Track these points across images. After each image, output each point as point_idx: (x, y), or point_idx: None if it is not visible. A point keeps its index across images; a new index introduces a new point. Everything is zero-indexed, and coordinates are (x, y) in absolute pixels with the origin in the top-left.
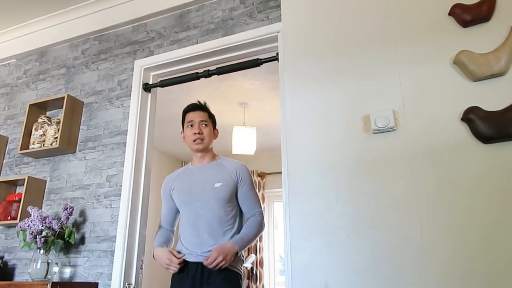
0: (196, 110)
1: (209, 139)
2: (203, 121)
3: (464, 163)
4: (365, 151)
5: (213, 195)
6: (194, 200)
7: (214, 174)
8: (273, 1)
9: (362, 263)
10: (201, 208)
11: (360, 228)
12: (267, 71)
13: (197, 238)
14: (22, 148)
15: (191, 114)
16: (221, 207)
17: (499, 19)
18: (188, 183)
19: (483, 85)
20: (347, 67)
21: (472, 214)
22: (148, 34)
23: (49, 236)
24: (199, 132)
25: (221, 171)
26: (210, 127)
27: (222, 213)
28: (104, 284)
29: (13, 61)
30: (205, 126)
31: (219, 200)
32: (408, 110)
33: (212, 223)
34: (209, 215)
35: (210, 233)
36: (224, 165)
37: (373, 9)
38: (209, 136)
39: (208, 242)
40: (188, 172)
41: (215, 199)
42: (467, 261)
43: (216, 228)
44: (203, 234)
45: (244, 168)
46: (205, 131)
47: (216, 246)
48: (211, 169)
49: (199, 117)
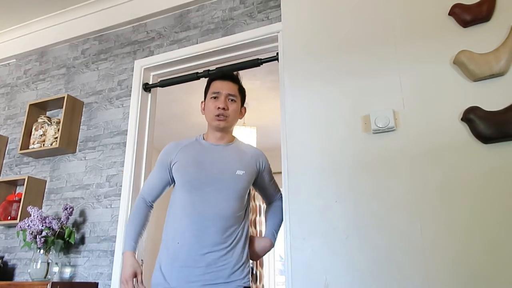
0: (226, 80)
1: (234, 118)
2: (231, 95)
3: (464, 163)
4: (365, 151)
5: (232, 184)
6: (205, 184)
7: (235, 159)
8: (273, 1)
9: (362, 263)
10: (214, 195)
11: (360, 228)
12: (267, 71)
13: (197, 232)
14: (22, 148)
15: (218, 83)
16: (238, 200)
17: (499, 19)
18: (199, 161)
19: (483, 85)
20: (347, 67)
21: (472, 214)
22: (148, 34)
23: (49, 236)
24: (224, 108)
25: (243, 158)
26: (238, 104)
27: (237, 206)
28: (104, 284)
29: (13, 61)
30: (232, 102)
31: (238, 190)
32: (408, 110)
33: (225, 216)
34: (223, 206)
35: (219, 228)
36: (245, 151)
37: (373, 9)
38: (234, 114)
39: (210, 241)
40: (200, 147)
41: (235, 189)
42: (467, 261)
43: (227, 223)
44: (209, 228)
45: (265, 156)
46: (231, 107)
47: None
48: (231, 152)
49: (227, 89)
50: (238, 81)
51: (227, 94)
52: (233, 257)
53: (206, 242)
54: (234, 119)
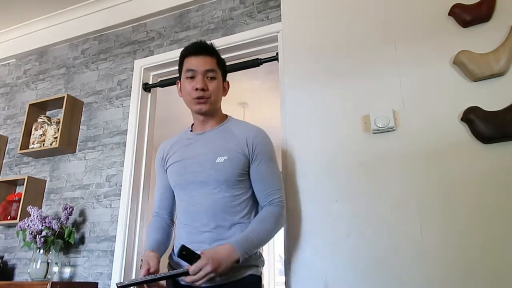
0: (201, 54)
1: (216, 98)
2: (209, 71)
3: (464, 163)
4: (365, 151)
5: (213, 174)
6: (188, 182)
7: (217, 145)
8: (273, 1)
9: (362, 263)
10: (198, 193)
11: (360, 228)
12: (267, 71)
13: (194, 237)
14: (22, 148)
15: (192, 59)
16: (225, 191)
17: (499, 19)
18: (183, 157)
19: (483, 85)
20: (347, 67)
21: (472, 214)
22: (148, 34)
23: (49, 236)
24: (202, 88)
25: (227, 140)
26: (219, 80)
27: (227, 199)
28: (104, 284)
29: (13, 61)
30: (212, 80)
31: (221, 181)
32: (408, 110)
33: (215, 214)
34: (208, 203)
35: (211, 229)
36: (232, 131)
37: (373, 9)
38: (217, 93)
39: (205, 246)
40: (186, 141)
41: (216, 180)
42: (467, 261)
43: (219, 221)
44: (202, 231)
45: (261, 134)
46: (211, 85)
47: (207, 249)
48: (214, 137)
49: (204, 65)
50: (215, 52)
51: (204, 71)
52: None
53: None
54: (217, 99)
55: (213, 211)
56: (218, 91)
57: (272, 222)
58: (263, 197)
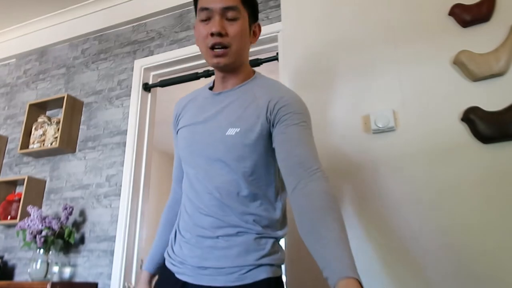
0: None
1: (239, 45)
2: (229, 8)
3: (464, 163)
4: (365, 151)
5: (222, 150)
6: (196, 154)
7: (232, 111)
8: (273, 1)
9: (362, 263)
10: (204, 171)
11: (360, 228)
12: (267, 71)
13: (196, 219)
14: (22, 147)
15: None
16: (237, 174)
17: (499, 19)
18: (193, 120)
19: (483, 85)
20: (347, 67)
21: (472, 214)
22: (148, 34)
23: (49, 236)
24: (219, 32)
25: (245, 105)
26: (244, 22)
27: (240, 184)
28: (103, 284)
29: (13, 61)
30: (233, 21)
31: (232, 159)
32: (408, 110)
33: (219, 199)
34: (216, 185)
35: (214, 214)
36: (255, 93)
37: (373, 9)
38: (240, 40)
39: (207, 233)
40: (203, 101)
41: (226, 157)
42: (467, 261)
43: (223, 208)
44: (204, 214)
45: (291, 95)
46: (232, 29)
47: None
48: (234, 100)
49: (221, 2)
50: None
51: (222, 9)
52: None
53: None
54: (241, 48)
55: (220, 193)
56: (242, 36)
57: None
58: (293, 169)
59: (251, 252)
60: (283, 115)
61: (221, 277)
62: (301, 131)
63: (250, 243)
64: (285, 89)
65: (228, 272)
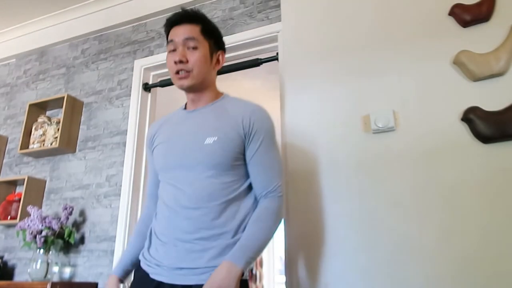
0: (181, 23)
1: (201, 70)
2: (189, 39)
3: (464, 163)
4: (365, 151)
5: (200, 157)
6: (172, 165)
7: (207, 124)
8: (273, 1)
9: (362, 263)
10: (182, 179)
11: (360, 228)
12: (267, 71)
13: (174, 222)
14: (22, 147)
15: (174, 30)
16: (214, 177)
17: (499, 19)
18: (168, 136)
19: (483, 85)
20: (347, 66)
21: (471, 214)
22: (148, 34)
23: (49, 236)
24: (180, 60)
25: (220, 118)
26: (204, 50)
27: (216, 188)
28: (104, 284)
29: (13, 61)
30: (193, 50)
31: (210, 165)
32: (408, 110)
33: (197, 202)
34: (193, 190)
35: (194, 216)
36: (227, 108)
37: (373, 9)
38: (200, 65)
39: (185, 236)
40: (177, 119)
41: (204, 163)
42: (467, 261)
43: (202, 211)
44: (183, 218)
45: (260, 111)
46: (192, 56)
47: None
48: (206, 116)
49: (183, 34)
50: (198, 18)
51: (183, 40)
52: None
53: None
54: (202, 72)
55: (197, 197)
56: (201, 62)
57: (269, 220)
58: (259, 187)
59: (223, 254)
60: (254, 133)
61: (195, 276)
62: (268, 152)
63: (224, 247)
64: (254, 105)
65: (201, 272)
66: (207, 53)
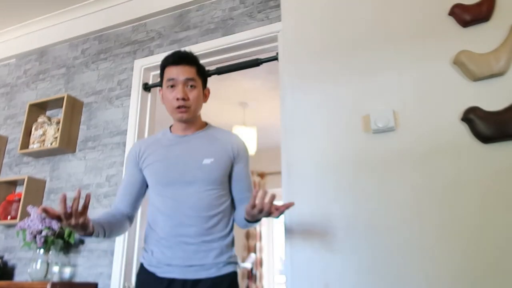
0: (180, 64)
1: (197, 106)
2: (189, 80)
3: (464, 163)
4: (365, 151)
5: (200, 175)
6: (173, 180)
7: (203, 147)
8: (273, 1)
9: (362, 263)
10: (182, 192)
11: (360, 228)
12: (267, 71)
13: (179, 230)
14: (22, 147)
15: (173, 69)
16: (210, 190)
17: (499, 19)
18: (166, 157)
19: (483, 85)
20: (347, 67)
21: (472, 214)
22: (148, 34)
23: (49, 236)
24: (183, 98)
25: (213, 144)
26: (199, 89)
27: (212, 199)
28: (103, 284)
29: (13, 61)
30: (192, 88)
31: (208, 181)
32: (408, 110)
33: (198, 212)
34: (194, 202)
35: (196, 223)
36: (217, 137)
37: (373, 9)
38: (197, 102)
39: (191, 240)
40: (167, 142)
41: (203, 180)
42: (467, 261)
43: (203, 219)
44: (187, 225)
45: (242, 142)
46: (192, 95)
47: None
48: (199, 140)
49: (183, 75)
50: (194, 61)
51: (184, 80)
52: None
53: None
54: (197, 107)
55: (198, 207)
56: (198, 99)
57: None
58: (241, 195)
59: (223, 253)
60: (240, 158)
61: (203, 271)
62: (247, 172)
63: (223, 248)
64: (238, 138)
65: (208, 268)
66: (201, 91)
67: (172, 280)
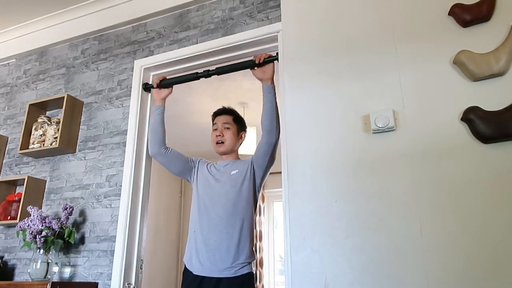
0: (221, 114)
1: (230, 142)
2: (225, 123)
3: (464, 163)
4: (365, 151)
5: (228, 180)
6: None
7: (232, 166)
8: (273, 1)
9: (362, 263)
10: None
11: (360, 228)
12: None
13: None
14: (22, 148)
15: (216, 118)
16: (236, 191)
17: (499, 19)
18: (208, 180)
19: (483, 85)
20: (347, 67)
21: (472, 214)
22: (148, 34)
23: (49, 236)
24: (219, 134)
25: (238, 163)
26: (233, 130)
27: (237, 197)
28: (104, 284)
29: (13, 61)
30: (227, 129)
31: (235, 184)
32: (408, 110)
33: (226, 205)
34: (223, 199)
35: (222, 217)
36: (242, 161)
37: (373, 9)
38: (230, 139)
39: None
40: (213, 169)
41: (231, 184)
42: (467, 261)
43: (230, 212)
44: (215, 218)
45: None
46: (226, 134)
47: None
48: (231, 164)
49: (222, 120)
50: (232, 113)
51: (222, 123)
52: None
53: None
54: (232, 143)
55: (226, 204)
56: (232, 137)
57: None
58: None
59: (241, 256)
60: (253, 158)
61: (225, 271)
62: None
63: (244, 252)
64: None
65: (229, 268)
66: (235, 132)
67: (203, 277)
